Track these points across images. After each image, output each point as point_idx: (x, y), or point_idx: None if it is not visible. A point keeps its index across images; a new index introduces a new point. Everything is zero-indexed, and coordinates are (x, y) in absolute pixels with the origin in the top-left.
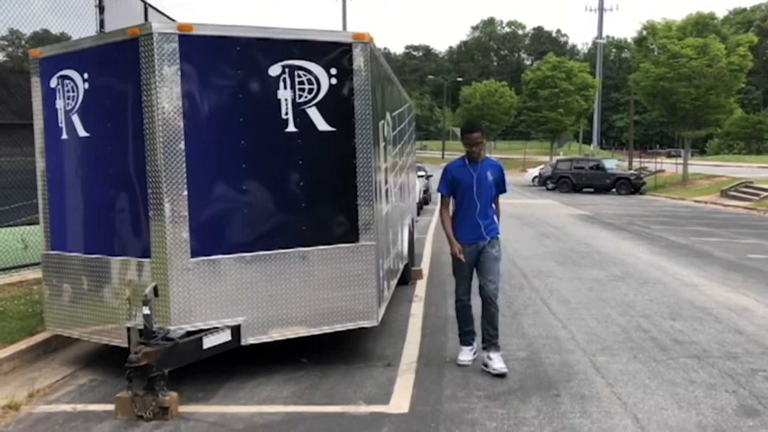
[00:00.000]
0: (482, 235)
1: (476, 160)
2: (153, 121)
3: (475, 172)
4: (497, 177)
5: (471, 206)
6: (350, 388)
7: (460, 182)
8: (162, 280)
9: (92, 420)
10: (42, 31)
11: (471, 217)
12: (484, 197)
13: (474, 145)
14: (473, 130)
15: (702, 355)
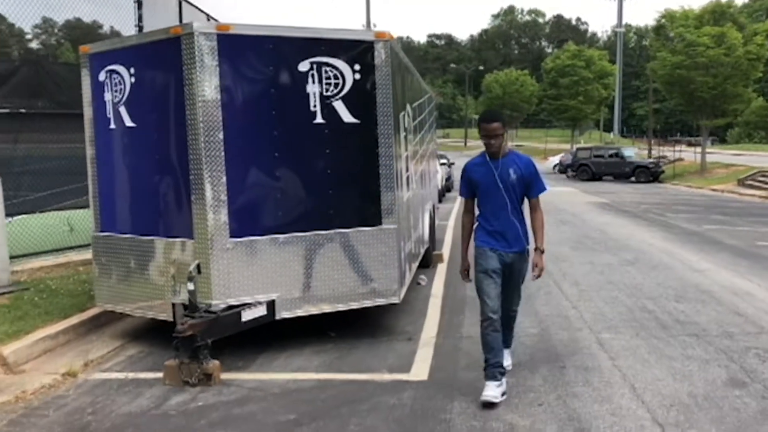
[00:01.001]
0: (511, 245)
1: (496, 155)
2: (195, 113)
3: (496, 170)
4: (525, 174)
5: (498, 207)
6: (375, 359)
7: (479, 181)
8: (204, 259)
9: (143, 386)
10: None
11: (495, 219)
12: (510, 198)
13: (491, 138)
14: (491, 119)
15: (700, 334)
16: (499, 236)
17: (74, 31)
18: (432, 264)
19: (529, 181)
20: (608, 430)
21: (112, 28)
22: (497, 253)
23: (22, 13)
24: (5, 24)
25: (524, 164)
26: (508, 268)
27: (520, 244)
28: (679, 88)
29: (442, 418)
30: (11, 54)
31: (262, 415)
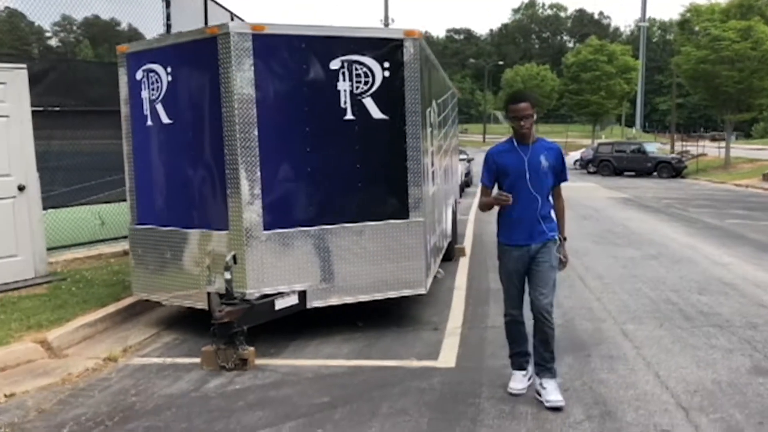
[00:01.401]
0: (536, 237)
1: (526, 140)
2: (231, 110)
3: (525, 156)
4: (555, 162)
5: (524, 196)
6: (402, 347)
7: (507, 169)
8: (239, 250)
9: (181, 370)
10: (93, 17)
11: (524, 209)
12: (539, 186)
13: (522, 119)
14: (520, 99)
15: (724, 325)
16: (525, 230)
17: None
18: (454, 257)
19: (558, 169)
20: (633, 413)
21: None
22: (522, 249)
23: (41, 11)
24: (25, 22)
25: (555, 153)
26: (534, 260)
27: (546, 235)
28: (704, 83)
29: (472, 402)
30: (31, 51)
31: (297, 398)
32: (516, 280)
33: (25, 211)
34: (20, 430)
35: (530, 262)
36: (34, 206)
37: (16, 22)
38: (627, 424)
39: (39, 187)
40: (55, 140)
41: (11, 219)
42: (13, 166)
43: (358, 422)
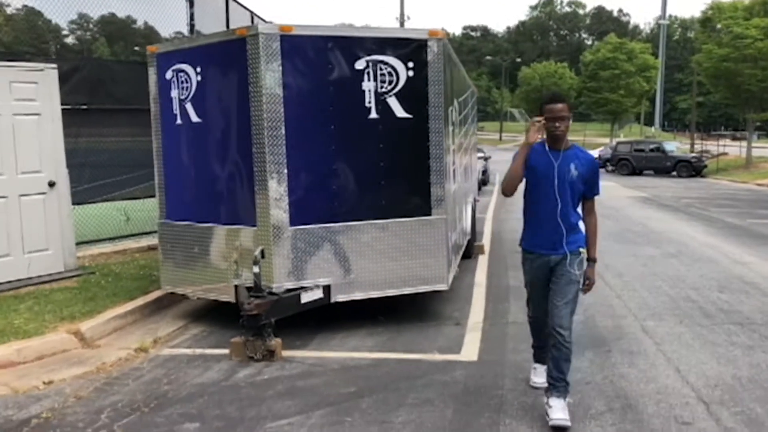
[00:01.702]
0: (558, 247)
1: (558, 144)
2: (259, 109)
3: (556, 161)
4: (586, 173)
5: (548, 203)
6: (425, 341)
7: (536, 169)
8: (266, 245)
9: (210, 360)
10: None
11: (547, 217)
12: (566, 195)
13: (557, 120)
14: (557, 99)
15: (744, 322)
16: (548, 238)
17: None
18: (474, 255)
19: (590, 181)
20: (654, 406)
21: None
22: (542, 258)
23: (59, 9)
24: (42, 20)
25: (587, 162)
26: (554, 273)
27: (572, 245)
28: (725, 81)
29: (495, 394)
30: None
31: (324, 388)
32: (538, 288)
33: (56, 206)
34: (61, 415)
35: (551, 273)
36: (63, 202)
37: (34, 20)
38: (648, 416)
39: (68, 183)
40: (81, 138)
41: (42, 214)
42: (43, 163)
43: (384, 411)
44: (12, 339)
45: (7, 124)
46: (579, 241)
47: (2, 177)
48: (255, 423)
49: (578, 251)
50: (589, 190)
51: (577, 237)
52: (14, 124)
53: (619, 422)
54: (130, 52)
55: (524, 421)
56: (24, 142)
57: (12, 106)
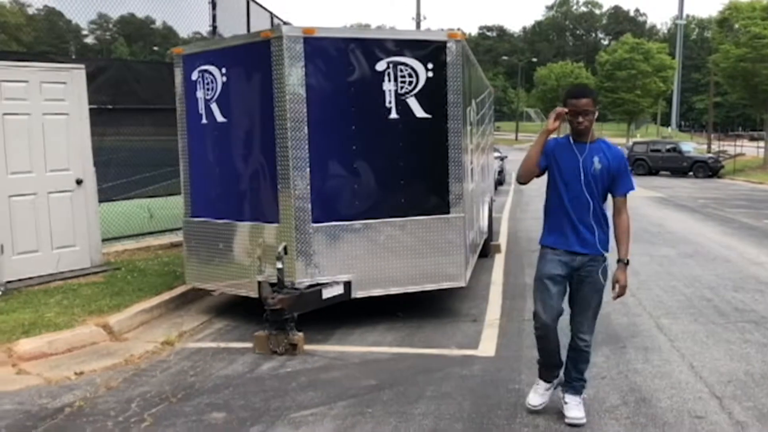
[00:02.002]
0: (580, 245)
1: (583, 137)
2: (283, 109)
3: (581, 155)
4: (612, 166)
5: (571, 198)
6: (443, 337)
7: (559, 162)
8: (289, 242)
9: (235, 354)
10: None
11: (569, 212)
12: (590, 190)
13: (581, 115)
14: (581, 94)
15: (759, 321)
16: (569, 233)
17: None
18: (490, 254)
19: (616, 175)
20: (668, 400)
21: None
22: (562, 254)
23: (78, 10)
24: (63, 20)
25: (613, 155)
26: (577, 276)
27: (593, 247)
28: (743, 82)
29: (512, 387)
30: (68, 49)
31: (345, 380)
32: (553, 290)
33: (83, 203)
34: (93, 404)
35: (572, 275)
36: (90, 199)
37: (55, 20)
38: (662, 410)
39: (95, 181)
40: (106, 136)
41: (70, 211)
42: (72, 161)
43: (405, 403)
44: (44, 331)
45: (36, 123)
46: (603, 242)
47: (31, 174)
48: (279, 413)
49: (602, 254)
50: (616, 186)
51: (604, 237)
52: (44, 123)
53: (633, 415)
54: (148, 52)
55: (541, 415)
56: (53, 140)
57: (42, 105)
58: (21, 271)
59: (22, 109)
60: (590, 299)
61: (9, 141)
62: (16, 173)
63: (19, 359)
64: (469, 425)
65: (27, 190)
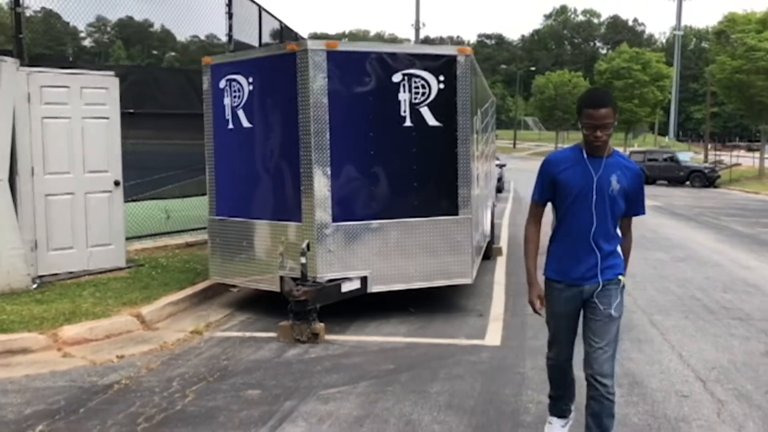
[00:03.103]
0: (594, 273)
1: (599, 152)
2: (307, 117)
3: (596, 172)
4: (629, 187)
5: (584, 222)
6: (452, 329)
7: (569, 186)
8: (311, 239)
9: (261, 342)
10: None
11: (581, 238)
12: (605, 212)
13: (599, 128)
14: (600, 103)
15: (744, 318)
16: (581, 264)
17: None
18: (493, 257)
19: (634, 198)
20: (658, 382)
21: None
22: (572, 287)
23: (76, 12)
24: (60, 22)
25: (633, 174)
26: (591, 306)
27: (610, 272)
28: (739, 93)
29: (517, 371)
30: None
31: (366, 365)
32: (566, 326)
33: (119, 204)
34: (138, 382)
35: (584, 306)
36: (118, 200)
37: (53, 22)
38: (652, 390)
39: (122, 182)
40: (129, 140)
41: (107, 211)
42: (111, 163)
43: (421, 383)
44: (83, 320)
45: (77, 126)
46: (618, 267)
47: (69, 175)
48: (309, 391)
49: (617, 279)
50: (632, 208)
51: (616, 262)
52: (83, 126)
53: (627, 395)
54: (146, 56)
55: (543, 393)
56: (92, 143)
57: (82, 110)
58: (54, 265)
59: (62, 113)
60: (606, 331)
61: (48, 143)
62: (53, 173)
63: (63, 344)
64: (480, 401)
65: (64, 190)
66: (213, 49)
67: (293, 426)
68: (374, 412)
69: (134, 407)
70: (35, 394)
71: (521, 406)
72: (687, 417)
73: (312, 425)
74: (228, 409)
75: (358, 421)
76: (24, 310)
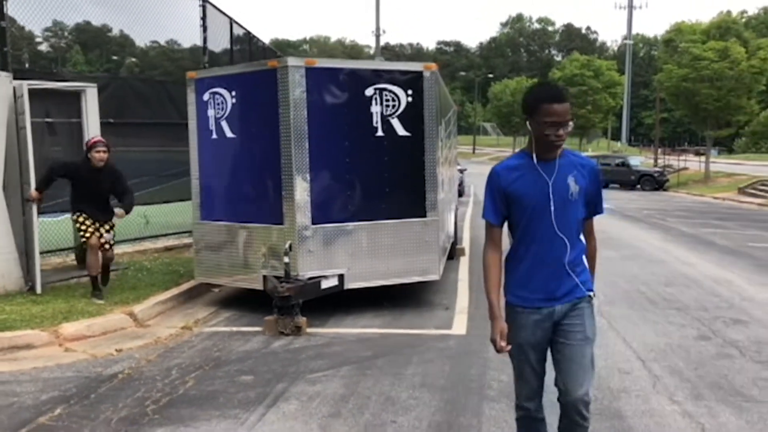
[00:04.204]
0: (562, 295)
1: (551, 155)
2: (288, 127)
3: (550, 177)
4: (588, 186)
5: (545, 235)
6: (422, 320)
7: (523, 198)
8: (292, 240)
9: (248, 335)
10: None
11: (544, 255)
12: (566, 221)
13: (558, 126)
14: (561, 97)
15: (682, 308)
16: (547, 284)
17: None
18: (456, 256)
19: (594, 197)
20: (604, 362)
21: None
22: (541, 312)
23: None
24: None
25: (590, 170)
26: (561, 329)
27: (579, 289)
28: (685, 100)
29: (482, 356)
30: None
31: (346, 353)
32: (533, 358)
33: None
34: (139, 372)
35: (554, 332)
36: None
37: (7, 27)
38: (598, 368)
39: None
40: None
41: None
42: None
43: (396, 367)
44: (80, 318)
45: None
46: (587, 283)
47: None
48: (297, 375)
49: (588, 296)
50: (593, 208)
51: (585, 275)
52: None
53: None
54: (105, 60)
55: (505, 373)
56: None
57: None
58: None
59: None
60: (583, 352)
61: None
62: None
63: (64, 340)
64: (450, 381)
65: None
66: (173, 54)
67: (287, 404)
68: (357, 391)
69: (140, 392)
70: (47, 383)
71: (485, 384)
72: (627, 389)
73: (303, 403)
74: (226, 392)
75: (344, 399)
76: (23, 310)
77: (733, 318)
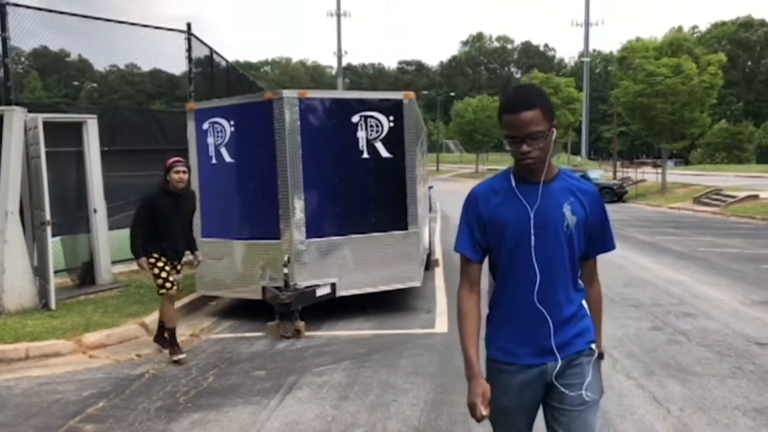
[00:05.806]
0: (552, 346)
1: (534, 176)
2: (284, 152)
3: (531, 205)
4: (592, 216)
5: (528, 280)
6: (407, 322)
7: (503, 227)
8: (289, 254)
9: (252, 340)
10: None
11: (527, 300)
12: (556, 261)
13: (524, 141)
14: (522, 105)
15: (638, 305)
16: (535, 337)
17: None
18: (431, 267)
19: (599, 231)
20: None
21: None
22: (530, 371)
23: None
24: None
25: (592, 198)
26: (556, 392)
27: (577, 341)
28: (641, 114)
29: None
30: None
31: (344, 350)
32: (521, 422)
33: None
34: (163, 372)
35: (546, 393)
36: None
37: None
38: None
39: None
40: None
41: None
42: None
43: (390, 360)
44: (98, 329)
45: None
46: (587, 333)
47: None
48: (304, 369)
49: (588, 349)
50: (597, 245)
51: (585, 325)
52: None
53: None
54: (63, 85)
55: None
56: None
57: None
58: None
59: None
60: (585, 420)
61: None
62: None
63: (87, 348)
64: (439, 369)
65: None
66: (133, 78)
67: (300, 391)
68: (359, 380)
69: (168, 388)
70: (83, 383)
71: None
72: None
73: (314, 390)
74: (244, 384)
75: (349, 386)
76: (44, 324)
77: (683, 312)
